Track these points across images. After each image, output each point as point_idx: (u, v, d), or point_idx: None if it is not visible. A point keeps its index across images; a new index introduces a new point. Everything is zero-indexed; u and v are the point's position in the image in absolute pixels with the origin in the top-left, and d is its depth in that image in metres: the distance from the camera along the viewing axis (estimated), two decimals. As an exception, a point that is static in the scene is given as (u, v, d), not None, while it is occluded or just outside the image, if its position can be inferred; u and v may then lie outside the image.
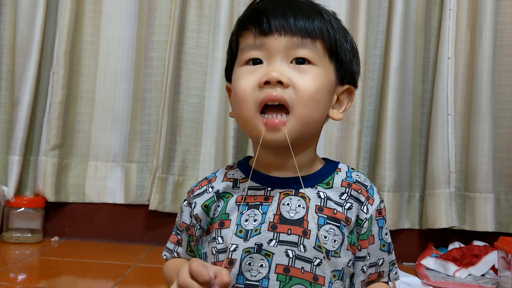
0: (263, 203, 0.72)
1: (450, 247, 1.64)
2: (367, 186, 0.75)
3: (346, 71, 0.75)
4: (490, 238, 1.59)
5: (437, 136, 1.66)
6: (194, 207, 0.76)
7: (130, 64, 1.79)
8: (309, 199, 0.71)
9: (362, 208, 0.73)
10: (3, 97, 1.77)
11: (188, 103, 1.72)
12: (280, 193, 0.72)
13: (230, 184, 0.76)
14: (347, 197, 0.73)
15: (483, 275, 1.48)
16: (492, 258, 1.49)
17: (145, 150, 1.76)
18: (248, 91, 0.69)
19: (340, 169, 0.77)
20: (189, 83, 1.72)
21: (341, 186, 0.74)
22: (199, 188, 0.78)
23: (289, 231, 0.69)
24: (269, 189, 0.73)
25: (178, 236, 0.80)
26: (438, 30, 1.73)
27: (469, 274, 1.48)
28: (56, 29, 1.73)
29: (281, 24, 0.69)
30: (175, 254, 0.81)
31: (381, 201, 0.76)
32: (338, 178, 0.75)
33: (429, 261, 1.56)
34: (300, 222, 0.70)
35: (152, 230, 1.77)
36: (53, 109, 1.70)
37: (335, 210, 0.71)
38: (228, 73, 0.78)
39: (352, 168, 0.78)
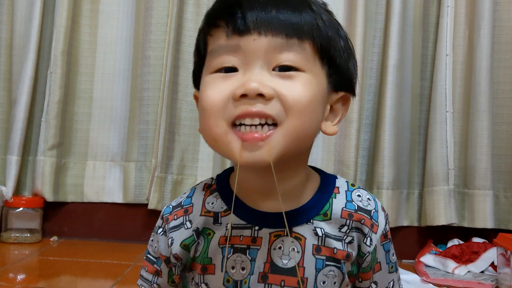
0: (251, 247, 0.61)
1: (449, 244, 1.64)
2: (371, 211, 0.63)
3: (341, 75, 0.62)
4: (489, 235, 1.59)
5: (435, 134, 1.66)
6: (172, 243, 0.64)
7: (128, 63, 1.79)
8: (305, 239, 0.60)
9: (365, 241, 0.62)
10: (0, 97, 1.77)
11: (186, 101, 1.72)
12: (270, 234, 0.61)
13: (211, 219, 0.63)
14: (348, 230, 0.62)
15: (482, 272, 1.48)
16: (491, 255, 1.49)
17: (143, 149, 1.76)
18: (218, 104, 0.56)
19: (338, 189, 0.64)
20: (187, 82, 1.72)
21: (341, 217, 0.62)
22: (175, 219, 0.65)
23: (283, 282, 0.60)
24: (256, 228, 0.61)
25: (156, 266, 0.68)
26: (436, 27, 1.73)
27: (468, 271, 1.48)
28: (53, 29, 1.72)
29: (260, 20, 0.56)
30: (155, 285, 0.68)
31: (386, 221, 0.65)
32: (337, 205, 0.63)
33: (428, 258, 1.56)
34: (295, 270, 0.60)
35: (151, 229, 1.76)
36: (51, 109, 1.70)
37: (335, 249, 0.61)
38: (197, 79, 0.64)
39: (352, 185, 0.66)
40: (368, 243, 0.62)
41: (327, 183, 0.65)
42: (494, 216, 1.64)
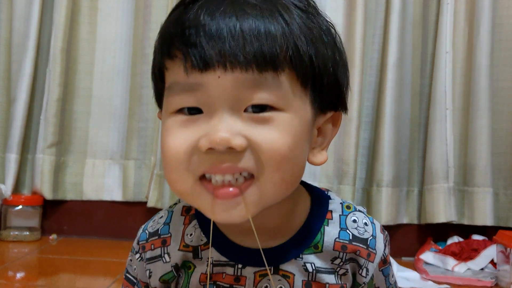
0: (234, 286, 0.55)
1: (449, 241, 1.64)
2: (367, 239, 0.56)
3: (329, 95, 0.52)
4: (489, 232, 1.59)
5: (435, 131, 1.66)
6: (150, 276, 0.59)
7: (127, 61, 1.78)
8: (293, 275, 0.55)
9: (360, 272, 0.57)
10: (-1, 95, 1.77)
11: (186, 99, 1.72)
12: (254, 273, 0.55)
13: (190, 254, 0.57)
14: (341, 262, 0.56)
15: (482, 269, 1.48)
16: (491, 252, 1.49)
17: (142, 147, 1.76)
18: (182, 157, 0.48)
19: (331, 213, 0.57)
20: (187, 80, 1.71)
21: (334, 249, 0.55)
22: (151, 250, 0.59)
23: None
24: (239, 266, 0.55)
25: (137, 287, 0.63)
26: (436, 25, 1.72)
27: (468, 268, 1.48)
28: (52, 27, 1.72)
29: (225, 50, 0.45)
30: None
31: (386, 244, 0.59)
32: (330, 236, 0.56)
33: (428, 256, 1.56)
34: None
35: (150, 227, 1.77)
36: (50, 107, 1.69)
37: (327, 285, 0.55)
38: (159, 99, 0.55)
39: (347, 207, 0.58)
40: (364, 274, 0.57)
41: (318, 207, 0.57)
42: (493, 213, 1.64)
